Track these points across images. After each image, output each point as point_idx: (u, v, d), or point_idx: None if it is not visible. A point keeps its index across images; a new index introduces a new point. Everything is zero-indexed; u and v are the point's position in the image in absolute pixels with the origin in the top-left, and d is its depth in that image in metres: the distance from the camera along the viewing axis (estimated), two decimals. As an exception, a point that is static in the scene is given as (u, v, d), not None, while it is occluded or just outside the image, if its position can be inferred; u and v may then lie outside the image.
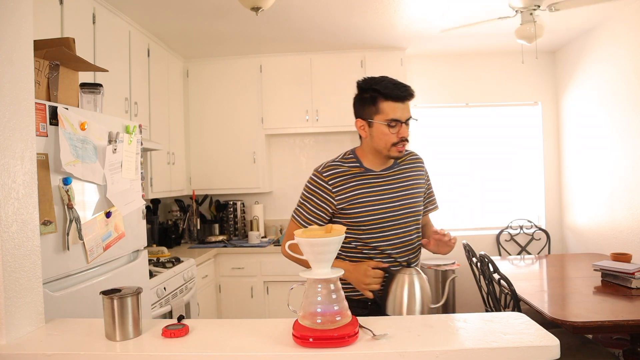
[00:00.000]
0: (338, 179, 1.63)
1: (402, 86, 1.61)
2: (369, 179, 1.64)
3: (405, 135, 1.60)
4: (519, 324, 1.13)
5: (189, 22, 3.23)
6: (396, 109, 1.59)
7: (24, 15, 1.23)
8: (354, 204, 1.61)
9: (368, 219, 1.60)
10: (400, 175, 1.68)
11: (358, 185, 1.62)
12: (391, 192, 1.64)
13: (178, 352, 1.03)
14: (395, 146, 1.59)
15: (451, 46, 4.04)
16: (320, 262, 1.07)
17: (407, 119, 1.60)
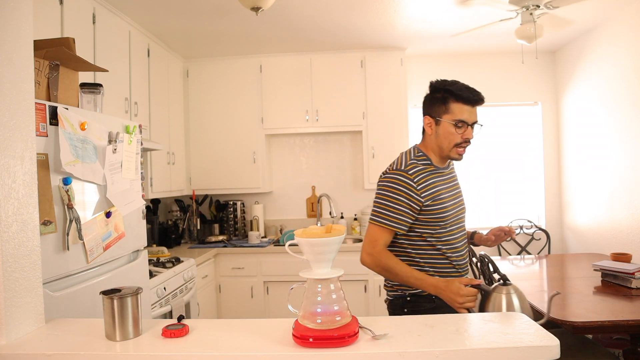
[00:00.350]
0: (421, 176, 1.66)
1: (474, 90, 1.67)
2: (441, 176, 1.73)
3: (470, 137, 1.66)
4: (519, 324, 1.13)
5: (189, 22, 3.23)
6: (464, 111, 1.64)
7: (24, 15, 1.23)
8: (437, 200, 1.66)
9: (448, 214, 1.68)
10: (454, 174, 1.84)
11: (437, 181, 1.70)
12: (454, 188, 1.78)
13: (178, 352, 1.03)
14: (457, 147, 1.67)
15: (451, 46, 4.04)
16: (320, 262, 1.07)
17: (473, 122, 1.66)
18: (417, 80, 4.33)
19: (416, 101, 4.35)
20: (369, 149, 3.98)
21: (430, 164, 1.71)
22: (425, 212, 1.65)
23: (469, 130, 1.65)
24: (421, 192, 1.64)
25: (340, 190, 4.35)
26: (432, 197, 1.65)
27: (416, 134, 4.37)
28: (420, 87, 4.33)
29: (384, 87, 3.96)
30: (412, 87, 4.30)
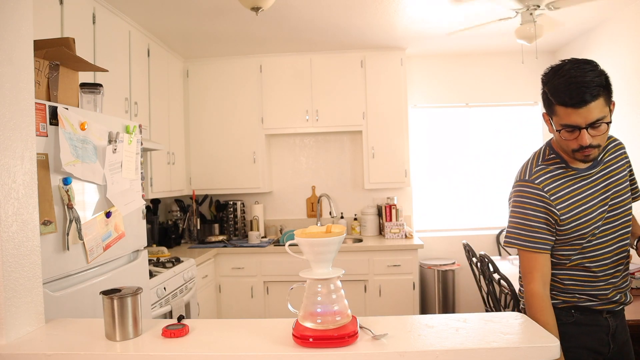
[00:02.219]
0: (552, 184, 1.41)
1: (575, 89, 1.26)
2: (581, 181, 1.41)
3: (584, 142, 1.30)
4: (519, 324, 1.13)
5: (189, 22, 3.23)
6: (571, 115, 1.29)
7: (24, 15, 1.23)
8: (574, 213, 1.39)
9: (587, 230, 1.39)
10: (606, 171, 1.43)
11: (574, 190, 1.40)
12: (602, 192, 1.41)
13: (178, 352, 1.03)
14: (577, 152, 1.34)
15: (451, 46, 4.04)
16: (321, 262, 1.07)
17: (588, 124, 1.28)
18: (417, 80, 4.33)
19: (416, 101, 4.35)
20: (369, 149, 3.98)
21: (565, 167, 1.42)
22: (561, 227, 1.40)
23: (583, 133, 1.29)
24: (556, 204, 1.39)
25: (340, 190, 4.35)
26: (569, 210, 1.39)
27: (416, 134, 4.39)
28: (421, 87, 4.36)
29: (384, 87, 3.96)
30: (412, 87, 4.30)
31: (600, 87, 1.26)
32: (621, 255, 1.44)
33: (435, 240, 4.28)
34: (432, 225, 4.43)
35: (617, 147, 1.49)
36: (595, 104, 1.26)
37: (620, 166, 1.46)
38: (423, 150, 4.41)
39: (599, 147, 1.33)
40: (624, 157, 1.48)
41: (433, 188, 4.43)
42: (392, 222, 3.94)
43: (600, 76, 1.27)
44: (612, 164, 1.45)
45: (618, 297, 1.44)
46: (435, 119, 4.42)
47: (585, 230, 1.39)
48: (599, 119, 1.27)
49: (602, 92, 1.27)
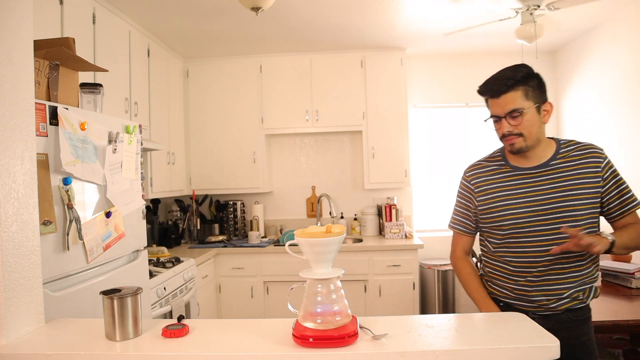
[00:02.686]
0: (481, 178, 1.58)
1: (493, 79, 1.47)
2: (517, 179, 1.51)
3: (503, 130, 1.46)
4: (519, 324, 1.13)
5: (189, 22, 3.23)
6: (492, 105, 1.48)
7: (24, 15, 1.23)
8: (494, 206, 1.52)
9: (508, 223, 1.49)
10: (558, 174, 1.47)
11: (501, 186, 1.53)
12: (541, 193, 1.47)
13: (178, 352, 1.03)
14: (503, 140, 1.50)
15: (451, 46, 4.04)
16: (320, 262, 1.07)
17: (506, 114, 1.44)
18: (417, 80, 4.33)
19: (416, 101, 4.35)
20: (369, 149, 3.98)
21: (504, 165, 1.55)
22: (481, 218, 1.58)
23: (503, 123, 1.46)
24: (477, 195, 1.58)
25: (340, 190, 4.35)
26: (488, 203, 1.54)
27: (416, 134, 4.39)
28: (421, 87, 4.36)
29: (384, 87, 3.96)
30: (412, 87, 4.30)
31: (517, 82, 1.42)
32: (560, 261, 1.45)
33: (435, 240, 4.28)
34: (432, 225, 4.42)
35: (590, 155, 1.48)
36: (511, 96, 1.42)
37: (585, 174, 1.46)
38: (423, 150, 4.41)
39: (524, 137, 1.44)
40: (597, 165, 1.46)
41: (433, 188, 4.43)
42: (392, 222, 3.94)
43: (520, 73, 1.44)
44: (570, 170, 1.47)
45: (541, 299, 1.47)
46: (435, 119, 4.41)
47: (503, 223, 1.49)
48: (515, 109, 1.42)
49: (519, 86, 1.42)
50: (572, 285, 1.47)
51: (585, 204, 1.44)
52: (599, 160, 1.46)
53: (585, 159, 1.47)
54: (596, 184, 1.45)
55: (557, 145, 1.52)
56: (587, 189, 1.45)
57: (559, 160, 1.49)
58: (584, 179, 1.45)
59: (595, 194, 1.45)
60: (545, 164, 1.49)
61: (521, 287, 1.49)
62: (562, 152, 1.50)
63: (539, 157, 1.50)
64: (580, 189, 1.44)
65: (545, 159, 1.49)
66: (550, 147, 1.52)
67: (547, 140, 1.53)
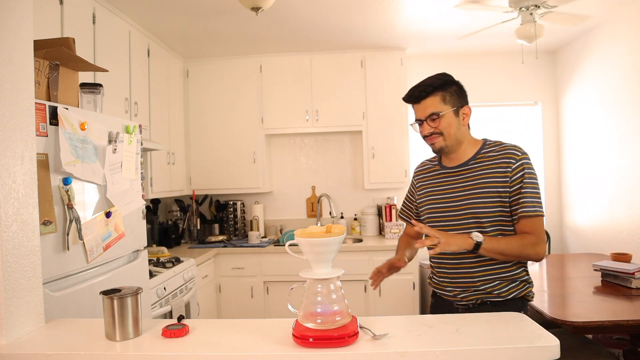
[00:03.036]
0: (420, 176, 1.75)
1: (415, 87, 1.63)
2: (442, 177, 1.65)
3: (424, 132, 1.61)
4: (519, 324, 1.13)
5: (189, 22, 3.23)
6: (416, 110, 1.64)
7: (24, 15, 1.23)
8: (423, 201, 1.69)
9: (428, 216, 1.65)
10: (472, 173, 1.57)
11: (431, 183, 1.68)
12: (455, 190, 1.58)
13: (178, 352, 1.03)
14: (425, 140, 1.63)
15: (451, 46, 4.04)
16: (320, 262, 1.07)
17: (427, 117, 1.59)
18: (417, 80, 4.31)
19: (416, 101, 4.35)
20: (369, 149, 3.98)
21: (437, 164, 1.71)
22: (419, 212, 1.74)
23: (424, 126, 1.61)
24: (417, 190, 1.76)
25: (340, 190, 4.35)
26: (420, 197, 1.71)
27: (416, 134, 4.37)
28: (420, 87, 4.34)
29: (384, 87, 3.96)
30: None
31: (435, 88, 1.57)
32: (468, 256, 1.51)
33: (435, 240, 4.27)
34: (432, 225, 4.42)
35: (505, 156, 1.53)
36: (430, 101, 1.57)
37: (495, 174, 1.51)
38: (423, 151, 4.41)
39: (443, 136, 1.56)
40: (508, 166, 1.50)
41: (433, 188, 4.42)
42: (392, 222, 3.94)
43: (438, 80, 1.59)
44: (483, 169, 1.54)
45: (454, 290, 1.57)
46: (435, 119, 4.41)
47: (428, 216, 1.64)
48: (434, 113, 1.56)
49: (436, 92, 1.57)
50: (485, 279, 1.52)
51: (492, 203, 1.49)
52: (511, 161, 1.51)
53: (498, 159, 1.53)
54: (504, 184, 1.49)
55: (481, 145, 1.62)
56: (494, 188, 1.50)
57: (478, 160, 1.58)
58: (493, 178, 1.51)
59: (503, 193, 1.49)
60: (464, 164, 1.59)
61: (441, 279, 1.63)
62: (483, 152, 1.59)
63: (460, 157, 1.61)
64: (488, 187, 1.51)
65: (466, 159, 1.60)
66: (474, 147, 1.62)
67: (473, 141, 1.64)
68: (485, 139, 1.67)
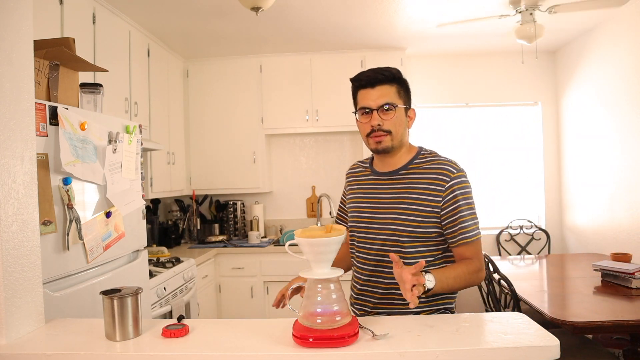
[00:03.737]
0: (351, 179, 1.63)
1: (370, 70, 1.45)
2: (371, 183, 1.50)
3: (373, 123, 1.39)
4: (519, 324, 1.13)
5: (189, 22, 3.23)
6: (365, 96, 1.44)
7: (24, 15, 1.23)
8: (350, 207, 1.55)
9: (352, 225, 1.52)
10: (400, 185, 1.41)
11: (360, 188, 1.54)
12: (381, 201, 1.43)
13: (178, 352, 1.03)
14: (369, 137, 1.42)
15: (451, 46, 4.04)
16: (320, 262, 1.07)
17: (379, 107, 1.39)
18: (417, 80, 4.33)
19: (416, 101, 4.34)
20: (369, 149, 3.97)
21: (368, 168, 1.55)
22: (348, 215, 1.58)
23: (374, 115, 1.40)
24: (348, 193, 1.62)
25: (340, 190, 4.33)
26: (349, 203, 1.58)
27: (415, 134, 4.38)
28: (421, 87, 4.35)
29: (384, 87, 3.95)
30: (412, 87, 4.27)
31: (394, 77, 1.42)
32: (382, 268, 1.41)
33: (435, 240, 4.27)
34: (432, 225, 4.42)
35: (441, 171, 1.38)
36: (386, 89, 1.40)
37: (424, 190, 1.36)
38: (423, 150, 4.41)
39: (391, 135, 1.39)
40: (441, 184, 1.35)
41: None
42: (392, 222, 3.93)
43: (396, 72, 1.43)
44: (412, 182, 1.39)
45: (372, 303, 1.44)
46: (435, 119, 4.42)
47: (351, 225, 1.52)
48: (389, 103, 1.39)
49: (394, 82, 1.42)
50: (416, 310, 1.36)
51: (415, 222, 1.35)
52: (445, 179, 1.36)
53: (432, 174, 1.38)
54: (434, 203, 1.35)
55: (416, 154, 1.46)
56: (421, 207, 1.35)
57: (410, 170, 1.42)
58: (422, 195, 1.36)
59: (430, 213, 1.35)
60: (394, 172, 1.44)
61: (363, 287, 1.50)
62: (416, 162, 1.43)
63: (395, 163, 1.45)
64: (414, 204, 1.36)
65: (398, 167, 1.44)
66: (409, 154, 1.46)
67: (410, 148, 1.49)
68: (421, 148, 1.51)
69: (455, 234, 1.35)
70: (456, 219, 1.35)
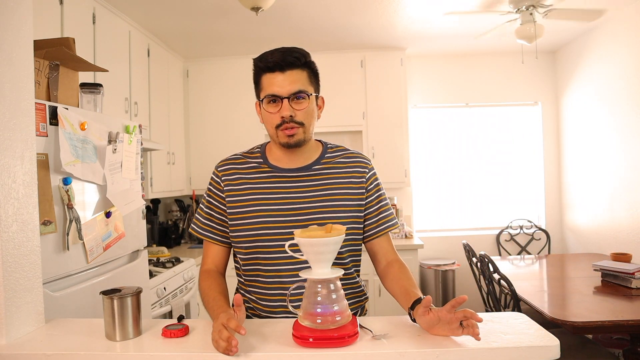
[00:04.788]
0: (233, 176, 1.32)
1: (278, 53, 1.24)
2: (275, 182, 1.29)
3: (285, 113, 1.21)
4: (519, 324, 1.13)
5: (189, 22, 3.23)
6: (273, 82, 1.22)
7: (24, 16, 1.23)
8: (244, 211, 1.28)
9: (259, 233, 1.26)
10: (320, 181, 1.29)
11: (256, 187, 1.29)
12: (299, 201, 1.26)
13: (178, 352, 1.03)
14: (279, 130, 1.23)
15: (451, 46, 4.04)
16: (320, 262, 1.07)
17: (291, 95, 1.22)
18: (417, 80, 4.33)
19: (416, 101, 4.35)
20: (369, 149, 3.98)
21: (263, 163, 1.33)
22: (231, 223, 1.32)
23: (285, 104, 1.21)
24: (227, 195, 1.31)
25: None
26: (237, 206, 1.29)
27: (416, 134, 4.39)
28: (421, 87, 4.36)
29: (384, 87, 3.96)
30: (412, 87, 4.30)
31: (307, 62, 1.27)
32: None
33: (435, 240, 4.28)
34: (432, 225, 4.43)
35: (358, 164, 1.33)
36: (297, 74, 1.24)
37: (349, 184, 1.30)
38: (423, 150, 4.41)
39: (304, 127, 1.24)
40: (362, 176, 1.32)
41: (433, 188, 4.43)
42: (392, 222, 3.93)
43: (306, 54, 1.27)
44: (333, 178, 1.30)
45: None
46: (435, 119, 4.42)
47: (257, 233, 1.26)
48: (302, 91, 1.23)
49: (306, 67, 1.27)
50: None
51: (346, 218, 1.26)
52: (364, 171, 1.33)
53: (350, 167, 1.32)
54: (359, 195, 1.30)
55: (323, 148, 1.37)
56: (349, 201, 1.29)
57: (323, 165, 1.32)
58: (347, 189, 1.29)
59: (357, 207, 1.29)
60: (307, 167, 1.30)
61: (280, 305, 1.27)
62: (328, 156, 1.34)
63: (304, 159, 1.31)
64: (341, 200, 1.28)
65: (309, 162, 1.31)
66: (317, 149, 1.36)
67: (314, 141, 1.37)
68: (323, 141, 1.40)
69: (378, 223, 1.32)
70: (378, 208, 1.33)
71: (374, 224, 1.33)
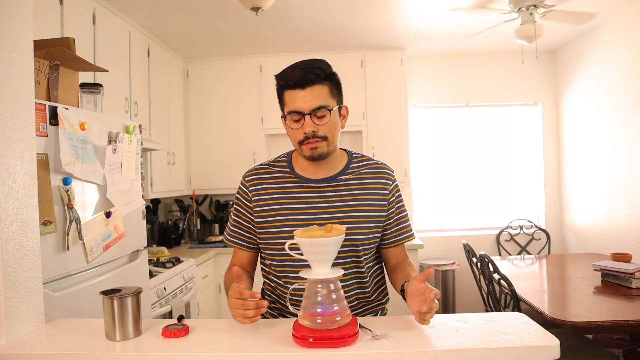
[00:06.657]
0: (260, 185, 1.35)
1: (298, 67, 1.23)
2: (303, 192, 1.32)
3: (308, 129, 1.23)
4: (519, 324, 1.13)
5: (189, 22, 3.23)
6: (295, 99, 1.23)
7: (24, 15, 1.23)
8: (270, 220, 1.32)
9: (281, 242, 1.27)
10: (345, 192, 1.32)
11: (285, 198, 1.32)
12: (325, 211, 1.30)
13: (178, 352, 1.03)
14: (303, 145, 1.26)
15: (451, 46, 4.04)
16: (320, 262, 1.07)
17: (312, 111, 1.22)
18: (417, 80, 4.33)
19: (416, 101, 4.35)
20: (369, 149, 3.98)
21: (289, 173, 1.35)
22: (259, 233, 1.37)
23: (307, 120, 1.22)
24: (254, 205, 1.35)
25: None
26: (266, 216, 1.33)
27: (416, 134, 4.39)
28: (421, 87, 4.36)
29: (384, 87, 3.96)
30: (412, 87, 4.30)
31: (327, 75, 1.24)
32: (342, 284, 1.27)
33: (435, 240, 4.28)
34: (432, 225, 4.43)
35: (382, 175, 1.37)
36: (317, 89, 1.22)
37: (373, 196, 1.33)
38: (423, 150, 4.41)
39: (327, 141, 1.26)
40: (387, 189, 1.35)
41: (433, 188, 4.43)
42: (392, 222, 3.93)
43: (328, 67, 1.26)
44: (358, 188, 1.33)
45: None
46: (435, 119, 4.42)
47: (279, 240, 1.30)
48: (323, 106, 1.23)
49: (327, 80, 1.25)
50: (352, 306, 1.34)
51: (369, 229, 1.31)
52: (388, 182, 1.36)
53: (375, 178, 1.35)
54: (382, 206, 1.34)
55: (348, 158, 1.39)
56: (372, 212, 1.32)
57: (349, 175, 1.35)
58: (371, 201, 1.33)
59: (379, 217, 1.33)
60: (333, 178, 1.33)
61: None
62: (353, 167, 1.36)
63: (329, 169, 1.34)
64: (366, 211, 1.31)
65: (334, 173, 1.34)
66: (342, 159, 1.38)
67: (340, 150, 1.38)
68: (348, 150, 1.42)
69: (396, 234, 1.39)
70: (398, 219, 1.39)
71: (392, 234, 1.39)
